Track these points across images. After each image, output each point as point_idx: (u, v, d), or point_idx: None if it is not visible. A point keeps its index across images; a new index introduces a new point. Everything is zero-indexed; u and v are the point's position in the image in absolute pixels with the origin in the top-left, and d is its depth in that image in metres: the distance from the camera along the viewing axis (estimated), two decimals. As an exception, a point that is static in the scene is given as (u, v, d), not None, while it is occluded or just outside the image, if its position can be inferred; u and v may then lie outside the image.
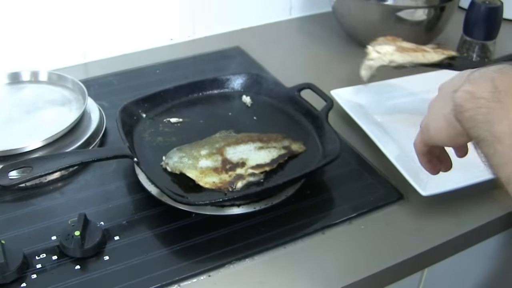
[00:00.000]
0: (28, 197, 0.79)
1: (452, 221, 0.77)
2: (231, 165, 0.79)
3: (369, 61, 0.89)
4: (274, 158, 0.81)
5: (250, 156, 0.81)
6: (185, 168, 0.77)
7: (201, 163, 0.79)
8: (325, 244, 0.73)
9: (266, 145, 0.83)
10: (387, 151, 0.83)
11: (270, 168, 0.79)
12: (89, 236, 0.69)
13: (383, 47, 0.88)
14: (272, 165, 0.80)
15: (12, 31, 1.02)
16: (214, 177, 0.77)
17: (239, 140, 0.84)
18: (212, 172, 0.78)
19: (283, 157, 0.81)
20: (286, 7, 1.31)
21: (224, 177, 0.77)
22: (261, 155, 0.81)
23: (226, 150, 0.81)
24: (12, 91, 0.96)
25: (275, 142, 0.84)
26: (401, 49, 0.88)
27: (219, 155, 0.80)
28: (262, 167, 0.79)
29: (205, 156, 0.80)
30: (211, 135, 0.85)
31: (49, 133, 0.83)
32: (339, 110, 0.94)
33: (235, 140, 0.84)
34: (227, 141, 0.83)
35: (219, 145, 0.82)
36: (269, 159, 0.80)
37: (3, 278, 0.65)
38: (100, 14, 1.09)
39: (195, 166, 0.78)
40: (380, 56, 0.88)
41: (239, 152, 0.81)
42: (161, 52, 1.15)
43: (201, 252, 0.70)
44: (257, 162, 0.80)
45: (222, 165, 0.79)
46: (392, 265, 0.70)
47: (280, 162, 0.80)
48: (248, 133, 0.86)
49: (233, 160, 0.80)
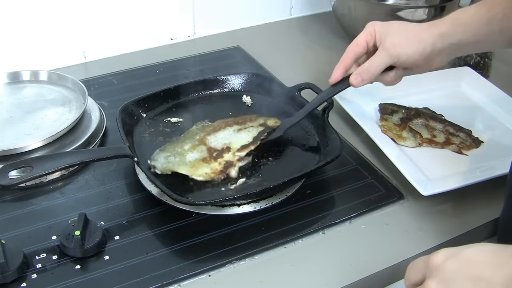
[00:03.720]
0: (28, 197, 0.79)
1: (452, 221, 0.77)
2: (217, 152, 0.80)
3: None
4: (255, 136, 0.83)
5: (233, 140, 0.82)
6: (175, 166, 0.77)
7: (189, 157, 0.79)
8: (325, 244, 0.73)
9: (244, 126, 0.85)
10: (387, 151, 0.83)
11: (255, 146, 0.81)
12: (89, 235, 0.69)
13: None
14: (255, 143, 0.81)
15: (12, 31, 1.02)
16: (205, 167, 0.77)
17: (217, 127, 0.85)
18: (201, 163, 0.78)
19: (263, 133, 0.83)
20: (286, 7, 1.31)
21: (215, 165, 0.78)
22: (242, 137, 0.83)
23: (208, 139, 0.82)
24: (12, 91, 0.96)
25: (251, 121, 0.86)
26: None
27: (202, 145, 0.81)
28: (247, 147, 0.81)
29: (190, 149, 0.80)
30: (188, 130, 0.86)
31: (49, 133, 0.83)
32: (339, 110, 0.94)
33: (212, 128, 0.85)
34: (206, 130, 0.84)
35: (199, 136, 0.83)
36: (250, 138, 0.82)
37: (3, 278, 0.65)
38: (100, 14, 1.09)
39: (183, 161, 0.78)
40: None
41: (220, 138, 0.82)
42: (162, 52, 1.15)
43: (201, 252, 0.70)
44: (241, 144, 0.81)
45: (209, 154, 0.79)
46: (392, 265, 0.70)
47: (262, 139, 0.82)
48: (223, 119, 0.87)
49: (217, 147, 0.81)
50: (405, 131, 0.89)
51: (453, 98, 1.00)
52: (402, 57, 0.77)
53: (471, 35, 0.76)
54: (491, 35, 0.76)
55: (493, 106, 0.97)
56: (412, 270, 0.54)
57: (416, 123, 0.92)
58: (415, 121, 0.92)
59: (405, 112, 0.94)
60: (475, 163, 0.85)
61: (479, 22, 0.76)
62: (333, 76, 0.82)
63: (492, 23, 0.75)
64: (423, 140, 0.88)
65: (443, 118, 0.94)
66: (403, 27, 0.80)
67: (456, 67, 1.06)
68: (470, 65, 1.06)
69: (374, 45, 0.80)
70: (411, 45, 0.77)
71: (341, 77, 0.82)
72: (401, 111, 0.94)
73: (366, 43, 0.80)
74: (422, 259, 0.53)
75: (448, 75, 1.03)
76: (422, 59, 0.77)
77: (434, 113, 0.95)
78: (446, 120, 0.93)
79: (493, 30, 0.76)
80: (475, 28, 0.76)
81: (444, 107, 0.96)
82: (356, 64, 0.83)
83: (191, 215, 0.75)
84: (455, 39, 0.76)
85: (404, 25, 0.81)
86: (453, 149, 0.87)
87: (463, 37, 0.76)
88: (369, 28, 0.81)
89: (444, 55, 0.79)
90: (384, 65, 0.79)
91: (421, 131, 0.90)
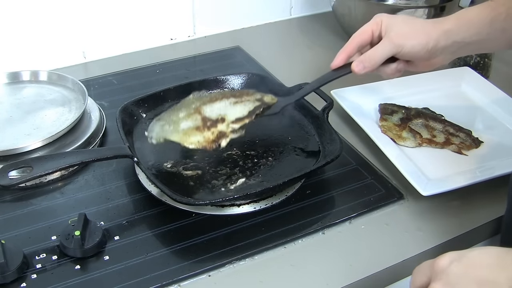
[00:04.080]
0: (28, 197, 0.79)
1: (452, 221, 0.77)
2: (211, 121, 0.79)
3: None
4: (251, 110, 0.81)
5: (228, 112, 0.81)
6: (167, 134, 0.77)
7: (182, 125, 0.79)
8: (325, 244, 0.73)
9: (240, 100, 0.83)
10: (387, 151, 0.83)
11: (249, 120, 0.79)
12: (89, 236, 0.69)
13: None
14: (250, 117, 0.80)
15: (12, 31, 1.02)
16: (198, 136, 0.77)
17: (213, 98, 0.84)
18: (194, 131, 0.78)
19: (258, 108, 0.81)
20: (286, 7, 1.31)
21: (207, 135, 0.77)
22: (238, 109, 0.81)
23: (203, 109, 0.81)
24: (12, 91, 0.96)
25: (247, 96, 0.84)
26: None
27: (197, 114, 0.81)
28: (242, 120, 0.79)
29: (184, 117, 0.80)
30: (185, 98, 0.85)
31: (49, 133, 0.83)
32: (339, 110, 0.94)
33: (209, 98, 0.84)
34: (202, 100, 0.84)
35: (195, 105, 0.82)
36: (246, 111, 0.81)
37: (3, 278, 0.65)
38: (100, 14, 1.09)
39: (177, 129, 0.78)
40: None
41: (216, 109, 0.81)
42: (162, 52, 1.15)
43: (201, 252, 0.70)
44: (236, 116, 0.80)
45: (202, 123, 0.79)
46: (392, 265, 0.70)
47: (257, 114, 0.81)
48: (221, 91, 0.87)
49: (212, 117, 0.80)
50: (405, 131, 0.89)
51: (453, 98, 1.00)
52: (406, 48, 0.77)
53: (474, 33, 0.76)
54: (494, 34, 0.76)
55: (493, 106, 0.97)
56: (418, 273, 0.54)
57: (416, 123, 0.92)
58: (415, 121, 0.92)
59: (405, 112, 0.94)
60: (475, 163, 0.85)
61: (483, 21, 0.76)
62: (335, 61, 0.82)
63: (495, 22, 0.76)
64: (423, 140, 0.88)
65: (443, 118, 0.94)
66: (410, 20, 0.81)
67: (456, 67, 1.06)
68: (470, 65, 1.06)
69: (379, 36, 0.80)
70: (416, 36, 0.77)
71: (343, 63, 0.82)
72: (401, 111, 0.94)
73: (371, 32, 0.80)
74: (428, 263, 0.54)
75: (448, 75, 1.03)
76: (424, 52, 0.77)
77: (434, 113, 0.95)
78: (446, 120, 0.93)
79: (496, 30, 0.76)
80: (478, 27, 0.76)
81: (444, 107, 0.96)
82: (359, 53, 0.83)
83: (191, 215, 0.75)
84: (459, 37, 0.77)
85: (411, 18, 0.81)
86: (453, 149, 0.87)
87: (466, 35, 0.77)
88: (377, 18, 0.81)
89: (447, 53, 0.79)
90: (387, 54, 0.79)
91: (421, 131, 0.90)
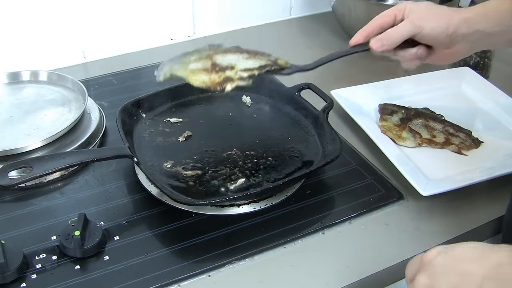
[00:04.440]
0: (28, 197, 0.79)
1: (452, 221, 0.77)
2: (220, 67, 0.78)
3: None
4: (262, 65, 0.79)
5: (239, 63, 0.79)
6: (174, 71, 0.77)
7: (191, 66, 0.78)
8: (325, 244, 0.73)
9: (254, 56, 0.81)
10: (386, 151, 0.83)
11: (259, 72, 0.78)
12: (89, 236, 0.69)
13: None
14: (260, 70, 0.78)
15: (12, 31, 1.02)
16: (204, 75, 0.76)
17: (228, 51, 0.82)
18: (202, 71, 0.77)
19: (270, 66, 0.79)
20: (286, 7, 1.31)
21: (214, 77, 0.76)
22: (249, 63, 0.80)
23: (216, 57, 0.80)
24: (12, 91, 0.96)
25: (262, 56, 0.82)
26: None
27: (208, 59, 0.79)
28: (251, 71, 0.77)
29: (195, 60, 0.79)
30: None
31: (49, 133, 0.83)
32: (339, 110, 0.94)
33: (223, 50, 0.83)
34: (216, 51, 0.82)
35: (208, 53, 0.81)
36: (257, 65, 0.79)
37: (3, 278, 0.65)
38: (100, 14, 1.09)
39: (185, 68, 0.78)
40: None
41: (228, 59, 0.80)
42: (161, 52, 1.15)
43: (201, 252, 0.70)
44: (246, 67, 0.78)
45: (211, 67, 0.78)
46: (392, 265, 0.70)
47: (268, 70, 0.79)
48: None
49: (222, 64, 0.79)
50: (405, 131, 0.89)
51: (453, 98, 1.00)
52: (425, 29, 0.77)
53: (495, 24, 0.77)
54: None
55: (493, 106, 0.97)
56: (409, 267, 0.56)
57: (415, 123, 0.92)
58: (415, 121, 0.92)
59: (405, 112, 0.94)
60: (475, 163, 0.85)
61: (503, 13, 0.77)
62: (354, 39, 0.81)
63: None
64: (422, 140, 0.88)
65: (443, 118, 0.94)
66: (433, 5, 0.81)
67: (456, 67, 1.06)
68: (470, 65, 1.06)
69: (401, 19, 0.80)
70: (436, 19, 0.77)
71: (362, 41, 0.81)
72: (401, 111, 0.94)
73: (394, 15, 0.80)
74: (419, 256, 0.55)
75: (448, 75, 1.03)
76: (444, 37, 0.77)
77: (434, 113, 0.95)
78: (446, 120, 0.93)
79: None
80: (498, 18, 0.77)
81: (444, 107, 0.96)
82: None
83: (191, 215, 0.75)
84: (480, 26, 0.77)
85: (434, 5, 0.82)
86: (453, 149, 0.87)
87: (487, 26, 0.77)
88: (400, 5, 0.81)
89: (467, 42, 0.78)
90: (406, 34, 0.78)
91: (420, 131, 0.90)
